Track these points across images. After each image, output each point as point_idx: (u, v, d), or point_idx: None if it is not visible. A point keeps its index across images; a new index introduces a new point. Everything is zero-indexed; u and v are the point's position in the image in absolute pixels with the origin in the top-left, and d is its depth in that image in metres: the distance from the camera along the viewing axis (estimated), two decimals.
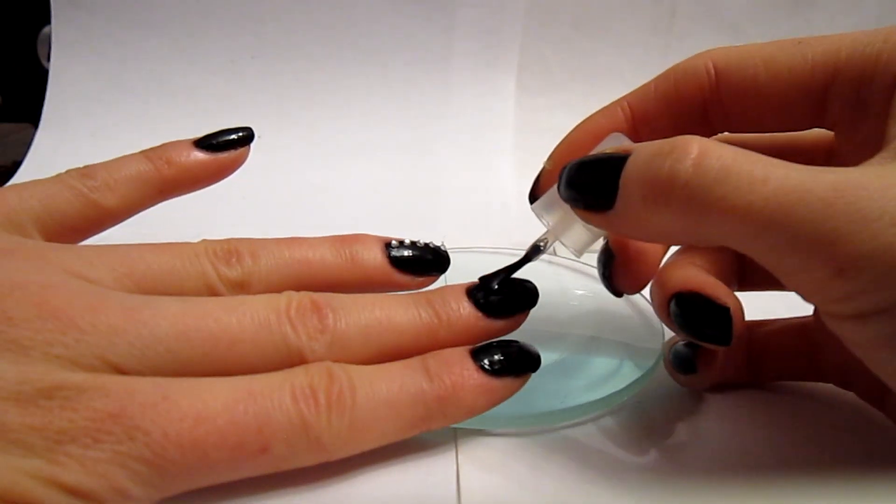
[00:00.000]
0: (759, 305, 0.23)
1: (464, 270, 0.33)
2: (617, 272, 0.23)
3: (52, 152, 0.52)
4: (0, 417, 0.14)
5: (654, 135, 0.21)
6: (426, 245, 0.23)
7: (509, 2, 0.55)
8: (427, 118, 0.55)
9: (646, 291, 0.28)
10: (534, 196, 0.23)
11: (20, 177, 0.50)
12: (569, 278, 0.32)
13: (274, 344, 0.18)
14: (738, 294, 0.21)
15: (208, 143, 0.23)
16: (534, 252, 0.22)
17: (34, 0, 0.55)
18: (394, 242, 0.23)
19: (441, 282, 0.24)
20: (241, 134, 0.24)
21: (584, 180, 0.19)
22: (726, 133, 0.23)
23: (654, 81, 0.22)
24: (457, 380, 0.18)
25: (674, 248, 0.24)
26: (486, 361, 0.19)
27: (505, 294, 0.21)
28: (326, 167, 0.52)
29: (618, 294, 0.24)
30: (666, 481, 0.19)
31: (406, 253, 0.22)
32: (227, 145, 0.23)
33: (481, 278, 0.21)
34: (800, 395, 0.23)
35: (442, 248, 0.23)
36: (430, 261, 0.23)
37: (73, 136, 0.53)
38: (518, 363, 0.19)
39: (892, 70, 0.18)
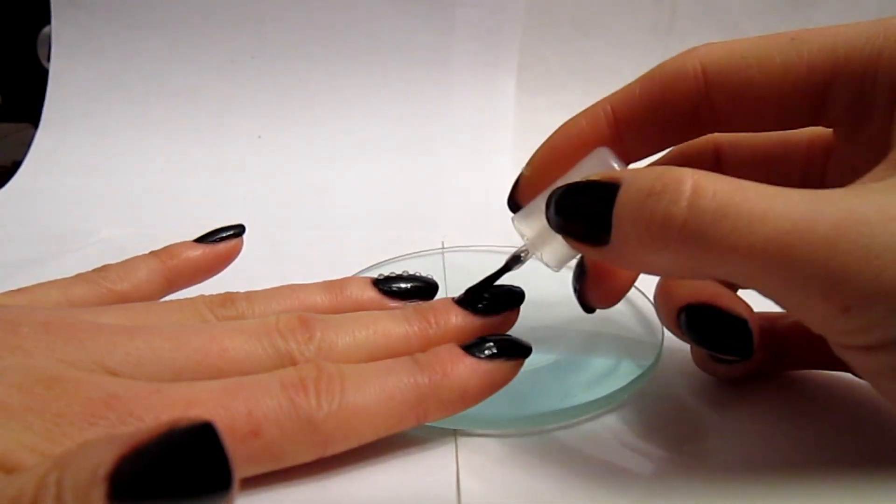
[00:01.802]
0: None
1: (464, 270, 0.33)
2: (589, 288, 0.23)
3: (52, 152, 0.52)
4: (3, 399, 0.15)
5: (639, 139, 0.21)
6: (413, 275, 0.24)
7: (509, 2, 0.55)
8: (427, 118, 0.55)
9: (646, 288, 0.29)
10: (512, 201, 0.23)
11: (20, 177, 0.50)
12: (569, 277, 0.32)
13: (264, 350, 0.19)
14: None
15: (207, 238, 0.26)
16: (513, 262, 0.22)
17: (34, 0, 0.55)
18: (381, 277, 0.24)
19: (441, 281, 0.24)
20: (233, 231, 0.26)
21: (574, 211, 0.18)
22: (716, 134, 0.22)
23: (639, 83, 0.21)
24: (447, 365, 0.18)
25: None
26: (474, 350, 0.19)
27: (491, 295, 0.22)
28: (326, 167, 0.52)
29: (589, 310, 0.24)
30: (666, 480, 0.19)
31: (395, 286, 0.24)
32: (223, 240, 0.26)
33: (467, 290, 0.22)
34: (802, 391, 0.23)
35: (429, 275, 0.25)
36: (421, 288, 0.24)
37: (73, 136, 0.53)
38: (508, 349, 0.19)
39: (895, 69, 0.17)
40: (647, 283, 0.27)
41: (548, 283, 0.23)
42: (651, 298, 0.28)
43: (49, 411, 0.15)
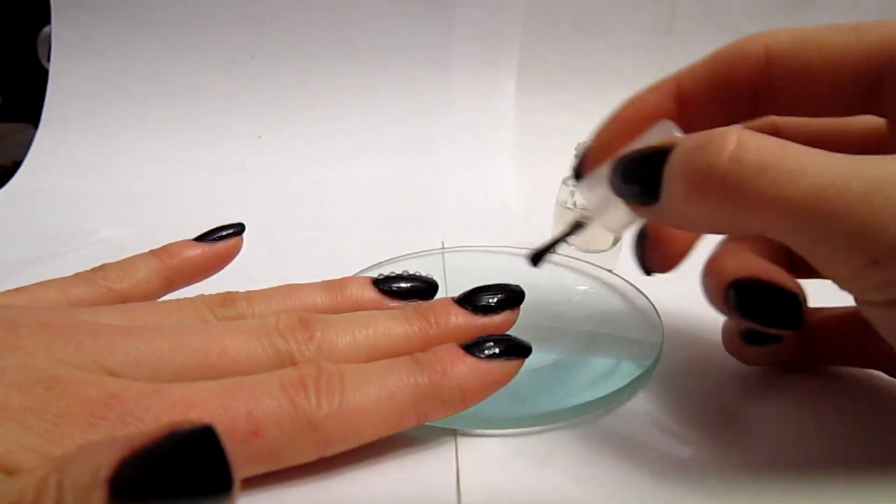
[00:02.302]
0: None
1: (464, 270, 0.33)
2: (649, 252, 0.24)
3: (52, 152, 0.52)
4: (2, 400, 0.14)
5: (702, 116, 0.22)
6: (413, 275, 0.24)
7: (509, 2, 0.55)
8: (427, 118, 0.55)
9: (646, 288, 0.29)
10: (578, 172, 0.24)
11: (20, 177, 0.50)
12: (568, 277, 0.32)
13: (264, 350, 0.19)
14: None
15: (206, 237, 0.26)
16: (576, 227, 0.23)
17: (34, 0, 0.55)
18: (381, 277, 0.24)
19: (441, 281, 0.24)
20: (233, 230, 0.26)
21: (631, 174, 0.19)
22: (774, 117, 0.23)
23: (704, 61, 0.21)
24: (447, 365, 0.18)
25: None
26: (474, 349, 0.19)
27: (491, 296, 0.22)
28: (326, 167, 0.52)
29: (648, 273, 0.24)
30: (666, 479, 0.19)
31: (395, 286, 0.24)
32: (222, 238, 0.26)
33: (530, 254, 0.23)
34: (808, 391, 0.23)
35: (429, 275, 0.25)
36: (421, 288, 0.24)
37: (73, 136, 0.53)
38: (508, 349, 0.19)
39: None
40: (647, 284, 0.27)
41: (548, 283, 0.23)
42: (651, 299, 0.28)
43: (49, 412, 0.15)
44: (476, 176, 0.51)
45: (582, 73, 0.55)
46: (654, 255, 0.24)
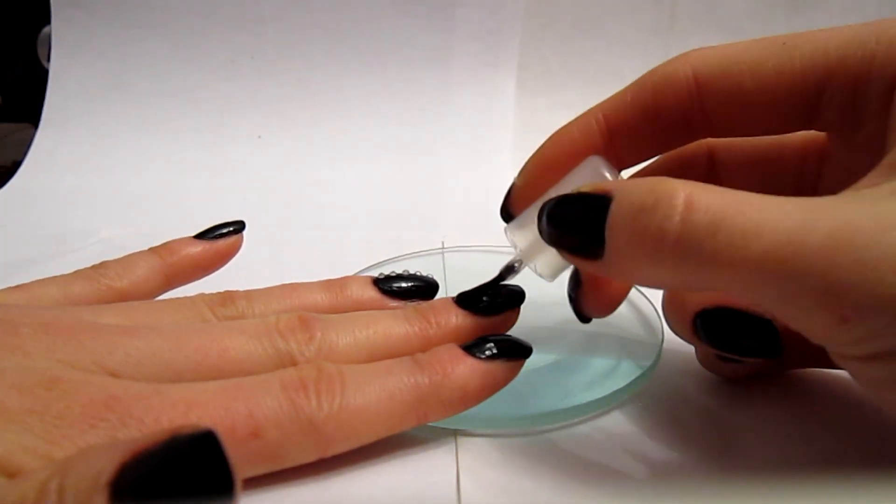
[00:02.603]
0: None
1: (464, 270, 0.33)
2: (584, 298, 0.23)
3: (52, 152, 0.52)
4: (2, 401, 0.14)
5: (632, 145, 0.21)
6: (413, 275, 0.24)
7: (509, 2, 0.55)
8: (427, 118, 0.55)
9: (648, 292, 0.29)
10: (505, 211, 0.23)
11: (20, 177, 0.50)
12: (568, 276, 0.32)
13: (265, 350, 0.19)
14: None
15: (206, 235, 0.25)
16: (507, 272, 0.22)
17: (34, 0, 0.55)
18: (381, 277, 0.24)
19: (441, 281, 0.24)
20: (233, 227, 0.26)
21: (566, 223, 0.18)
22: (709, 139, 0.22)
23: (630, 90, 0.20)
24: (447, 365, 0.18)
25: None
26: (475, 350, 0.19)
27: (492, 296, 0.21)
28: (326, 167, 0.52)
29: (585, 320, 0.24)
30: (666, 480, 0.19)
31: (396, 285, 0.24)
32: (223, 236, 0.26)
33: (460, 295, 0.22)
34: (803, 390, 0.23)
35: (429, 275, 0.24)
36: (421, 288, 0.24)
37: (73, 136, 0.53)
38: (508, 350, 0.19)
39: (888, 73, 0.17)
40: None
41: (548, 283, 0.23)
42: (650, 299, 0.28)
43: (49, 413, 0.14)
44: (476, 176, 0.51)
45: (582, 73, 0.55)
46: (591, 301, 0.23)
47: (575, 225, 0.18)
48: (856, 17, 0.52)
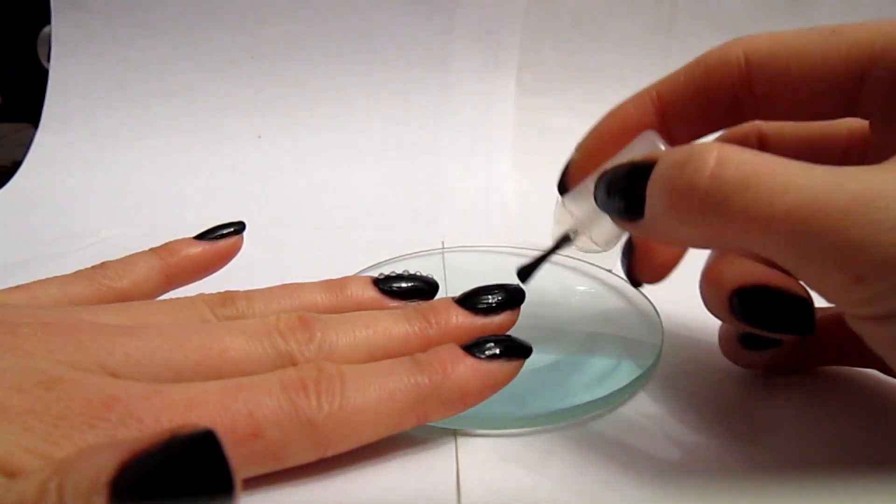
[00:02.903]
0: None
1: (464, 270, 0.33)
2: (637, 264, 0.24)
3: (52, 152, 0.52)
4: (2, 402, 0.14)
5: (684, 124, 0.22)
6: (413, 275, 0.24)
7: (509, 2, 0.55)
8: (427, 118, 0.55)
9: (646, 288, 0.29)
10: (562, 186, 0.24)
11: (20, 177, 0.50)
12: (568, 277, 0.32)
13: (264, 350, 0.19)
14: None
15: (207, 235, 0.26)
16: (563, 241, 0.23)
17: (34, 0, 0.55)
18: (381, 277, 0.24)
19: (441, 281, 0.24)
20: (234, 228, 0.26)
21: (615, 190, 0.19)
22: (758, 122, 0.23)
23: (684, 70, 0.21)
24: (447, 365, 0.18)
25: None
26: (475, 350, 0.19)
27: (492, 296, 0.22)
28: (326, 167, 0.52)
29: (636, 284, 0.25)
30: (666, 480, 0.19)
31: (396, 285, 0.24)
32: (223, 237, 0.26)
33: (519, 269, 0.23)
34: (809, 390, 0.23)
35: (429, 275, 0.24)
36: (421, 288, 0.24)
37: (73, 136, 0.53)
38: (508, 350, 0.19)
39: None
40: (647, 284, 0.27)
41: (548, 283, 0.23)
42: (650, 299, 0.28)
43: (49, 413, 0.15)
44: (476, 176, 0.51)
45: (582, 73, 0.55)
46: (643, 266, 0.24)
47: (622, 188, 0.19)
48: (855, 16, 0.52)
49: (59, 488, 0.12)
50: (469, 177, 0.51)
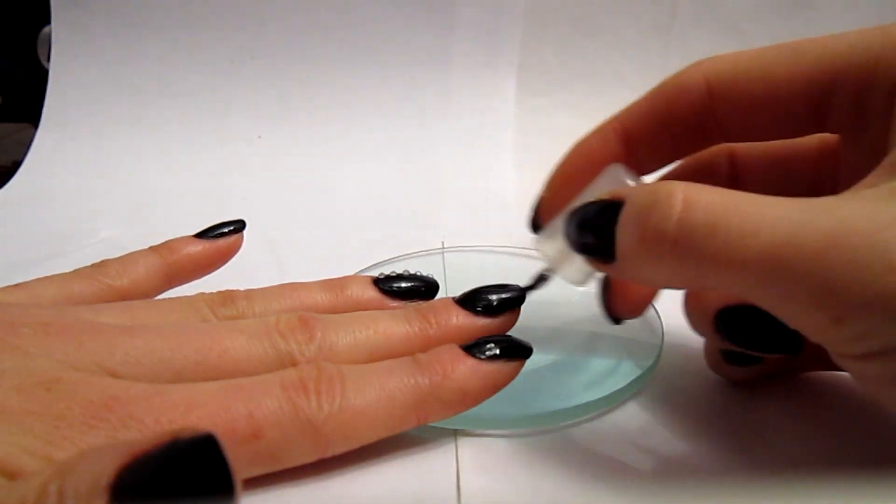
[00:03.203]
0: None
1: (464, 270, 0.33)
2: (614, 301, 0.23)
3: (52, 152, 0.52)
4: (2, 402, 0.14)
5: (650, 153, 0.21)
6: (413, 275, 0.24)
7: (509, 2, 0.55)
8: (427, 118, 0.55)
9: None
10: (534, 223, 0.24)
11: (20, 177, 0.50)
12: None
13: (265, 350, 0.19)
14: None
15: (207, 234, 0.26)
16: (539, 281, 0.22)
17: (34, 0, 0.55)
18: (381, 277, 0.24)
19: (441, 281, 0.24)
20: (234, 226, 0.26)
21: (584, 230, 0.19)
22: (726, 144, 0.22)
23: (645, 98, 0.21)
24: (447, 365, 0.18)
25: None
26: (475, 350, 0.19)
27: (492, 296, 0.22)
28: (326, 167, 0.52)
29: (616, 321, 0.24)
30: (666, 481, 0.19)
31: (396, 285, 0.24)
32: (223, 235, 0.26)
33: (499, 302, 0.22)
34: (805, 392, 0.23)
35: (429, 275, 0.24)
36: (421, 288, 0.24)
37: (73, 136, 0.53)
38: (508, 350, 0.19)
39: (892, 75, 0.17)
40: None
41: (548, 284, 0.23)
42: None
43: (49, 414, 0.14)
44: (476, 176, 0.51)
45: (582, 73, 0.55)
46: (620, 303, 0.23)
47: (592, 229, 0.18)
48: (855, 17, 0.52)
49: (60, 491, 0.12)
50: (469, 177, 0.51)
